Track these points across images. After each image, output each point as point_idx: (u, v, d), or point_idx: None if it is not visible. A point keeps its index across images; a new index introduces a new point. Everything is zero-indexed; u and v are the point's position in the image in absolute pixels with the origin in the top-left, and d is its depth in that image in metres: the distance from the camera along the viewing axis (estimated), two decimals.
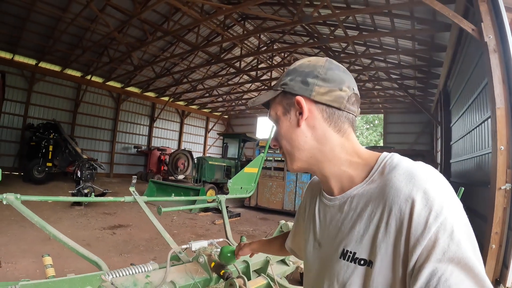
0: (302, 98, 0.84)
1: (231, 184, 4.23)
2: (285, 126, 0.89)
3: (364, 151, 0.86)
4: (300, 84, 0.85)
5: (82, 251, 2.30)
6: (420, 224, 0.65)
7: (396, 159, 0.78)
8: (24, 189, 10.86)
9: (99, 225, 7.34)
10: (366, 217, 0.76)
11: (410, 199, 0.67)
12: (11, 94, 14.86)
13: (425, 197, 0.67)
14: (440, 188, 0.69)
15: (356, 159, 0.84)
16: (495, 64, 4.37)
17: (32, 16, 12.39)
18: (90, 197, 8.15)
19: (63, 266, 4.32)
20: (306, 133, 0.85)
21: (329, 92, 0.83)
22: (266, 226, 9.07)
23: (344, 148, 0.85)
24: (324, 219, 0.91)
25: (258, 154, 12.00)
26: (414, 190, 0.68)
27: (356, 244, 0.76)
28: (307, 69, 0.86)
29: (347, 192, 0.83)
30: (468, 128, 7.09)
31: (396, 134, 20.64)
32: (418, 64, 12.10)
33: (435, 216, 0.64)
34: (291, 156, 0.90)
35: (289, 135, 0.88)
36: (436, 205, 0.65)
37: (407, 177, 0.71)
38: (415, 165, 0.74)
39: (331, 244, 0.85)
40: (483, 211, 5.36)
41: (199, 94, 22.33)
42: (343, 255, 0.79)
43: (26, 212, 2.42)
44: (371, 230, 0.74)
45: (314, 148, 0.85)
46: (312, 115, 0.84)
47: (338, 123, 0.84)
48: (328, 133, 0.84)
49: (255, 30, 13.64)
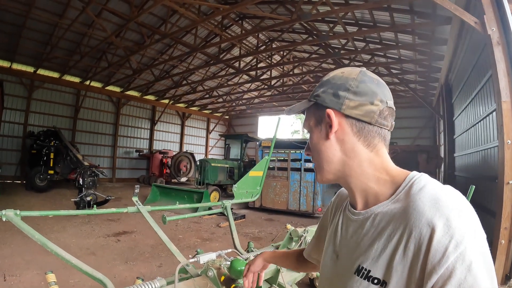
0: (332, 111, 0.84)
1: (236, 189, 4.18)
2: (316, 138, 0.90)
3: (394, 168, 0.85)
4: (332, 96, 0.85)
5: (86, 269, 2.23)
6: (438, 251, 0.63)
7: (424, 180, 0.76)
8: (27, 197, 10.85)
9: (103, 232, 7.31)
10: (386, 236, 0.74)
11: (432, 225, 0.66)
12: (11, 102, 14.86)
13: (447, 224, 0.65)
14: (464, 217, 0.67)
15: (384, 176, 0.83)
16: (499, 57, 4.30)
17: (29, 23, 12.35)
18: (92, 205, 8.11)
19: (69, 277, 4.29)
20: (335, 146, 0.85)
21: (359, 106, 0.82)
22: (272, 227, 9.02)
23: (373, 163, 0.83)
24: (346, 232, 0.90)
25: (260, 154, 11.94)
26: (437, 215, 0.66)
27: (372, 262, 0.75)
28: (339, 81, 0.86)
29: (371, 208, 0.82)
30: (472, 121, 7.02)
31: (398, 129, 20.52)
32: (418, 58, 12.00)
33: (455, 245, 0.62)
34: (319, 168, 0.90)
35: (319, 147, 0.89)
36: (457, 234, 0.63)
37: (432, 201, 0.69)
38: (443, 190, 0.72)
39: (348, 258, 0.84)
40: (491, 206, 5.29)
41: (199, 96, 22.28)
42: (358, 271, 0.78)
43: (26, 229, 2.35)
44: (388, 250, 0.72)
45: (342, 161, 0.85)
46: (341, 129, 0.84)
47: (368, 137, 0.83)
48: (357, 147, 0.83)
49: (253, 29, 13.56)
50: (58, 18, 12.13)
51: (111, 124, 19.71)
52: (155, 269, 5.21)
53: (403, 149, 11.38)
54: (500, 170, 4.46)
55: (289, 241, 3.39)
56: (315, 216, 10.77)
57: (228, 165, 15.15)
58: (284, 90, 20.01)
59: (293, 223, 9.53)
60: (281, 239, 7.00)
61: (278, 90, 20.10)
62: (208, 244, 6.92)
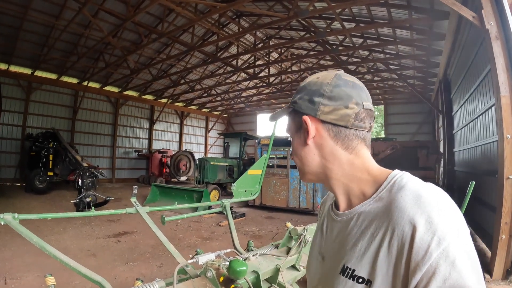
0: (308, 118, 0.85)
1: (235, 188, 4.17)
2: (296, 143, 0.91)
3: (375, 167, 0.85)
4: (307, 103, 0.86)
5: (85, 271, 2.22)
6: (421, 248, 0.63)
7: (405, 178, 0.77)
8: (26, 200, 10.84)
9: (103, 233, 7.30)
10: (369, 235, 0.74)
11: (414, 222, 0.66)
12: (8, 104, 14.80)
13: (429, 221, 0.65)
14: (446, 213, 0.67)
15: (366, 176, 0.83)
16: (498, 51, 4.29)
17: (25, 25, 12.29)
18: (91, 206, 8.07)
19: (69, 278, 4.28)
20: (313, 151, 0.87)
21: (334, 111, 0.82)
22: (272, 225, 9.01)
23: (353, 165, 0.84)
24: (330, 233, 0.91)
25: (260, 152, 11.92)
26: (418, 213, 0.66)
27: (357, 261, 0.75)
28: (314, 87, 0.86)
29: (354, 208, 0.82)
30: (471, 116, 7.00)
31: (397, 124, 20.58)
32: (416, 54, 11.98)
33: (438, 242, 0.62)
34: (301, 172, 0.93)
35: (299, 152, 0.90)
36: (439, 230, 0.63)
37: (413, 199, 0.69)
38: (424, 187, 0.73)
39: (333, 258, 0.85)
40: (492, 201, 5.29)
41: (198, 94, 22.24)
42: (343, 271, 0.78)
43: (24, 233, 2.34)
44: (372, 249, 0.72)
45: (322, 165, 0.86)
46: (319, 134, 0.85)
47: (346, 141, 0.83)
48: (336, 151, 0.84)
49: (250, 27, 13.53)
50: (54, 19, 12.07)
51: (110, 125, 19.67)
52: (156, 270, 5.20)
53: (403, 145, 11.35)
54: (500, 165, 4.45)
55: (289, 239, 3.37)
56: (315, 213, 10.75)
57: (227, 163, 15.14)
58: (282, 88, 19.98)
59: (293, 221, 9.54)
60: (281, 237, 6.99)
61: (276, 87, 20.09)
62: (209, 243, 6.91)
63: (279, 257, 3.08)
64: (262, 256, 3.02)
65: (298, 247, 3.23)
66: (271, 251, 3.27)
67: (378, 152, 11.44)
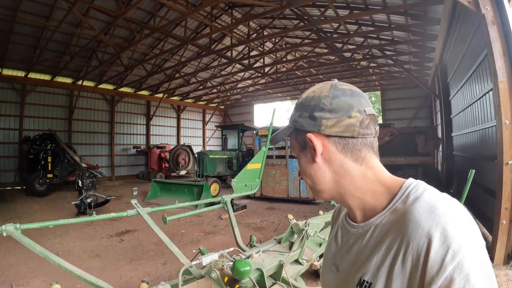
0: (312, 135, 0.83)
1: (235, 183, 4.17)
2: (304, 162, 0.88)
3: (388, 177, 0.83)
4: (309, 119, 0.84)
5: (90, 278, 2.23)
6: (436, 262, 0.63)
7: (420, 188, 0.75)
8: (27, 203, 10.83)
9: (106, 232, 7.32)
10: (385, 248, 0.74)
11: (429, 236, 0.65)
12: (4, 108, 14.72)
13: (444, 234, 0.64)
14: (460, 226, 0.66)
15: (379, 188, 0.82)
16: (495, 36, 4.25)
17: (16, 27, 12.10)
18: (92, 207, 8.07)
19: (75, 282, 4.29)
20: (323, 168, 0.84)
21: (337, 123, 0.80)
22: (274, 217, 9.06)
23: (366, 177, 0.82)
24: (345, 244, 0.90)
25: (258, 143, 11.90)
26: (433, 226, 0.65)
27: (373, 275, 0.74)
28: (312, 102, 0.84)
29: (370, 221, 0.81)
30: (469, 101, 6.99)
31: (394, 110, 20.56)
32: (412, 39, 11.90)
33: (452, 255, 0.62)
34: (314, 191, 0.90)
35: (308, 171, 0.88)
36: (454, 243, 0.63)
37: (428, 211, 0.68)
38: (439, 199, 0.71)
39: (349, 270, 0.84)
40: (492, 186, 5.31)
41: (193, 88, 22.10)
42: (360, 284, 0.77)
43: (28, 243, 2.35)
44: (387, 262, 0.72)
45: (334, 181, 0.84)
46: (326, 149, 0.83)
47: (354, 152, 0.82)
48: (346, 164, 0.82)
49: (243, 18, 13.35)
50: (45, 20, 11.87)
51: (107, 123, 19.56)
52: (160, 267, 5.23)
53: (401, 131, 11.34)
54: (499, 151, 4.46)
55: (291, 234, 3.39)
56: (316, 203, 10.80)
57: (226, 156, 15.16)
58: (278, 77, 19.89)
59: (294, 211, 9.59)
60: (283, 229, 7.05)
61: (272, 77, 19.98)
62: (211, 238, 6.95)
63: (282, 252, 3.11)
64: (265, 253, 3.04)
65: (301, 242, 3.25)
66: (274, 246, 3.29)
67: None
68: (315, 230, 3.32)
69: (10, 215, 8.75)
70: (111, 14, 10.32)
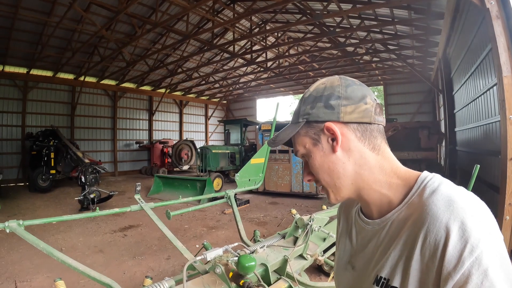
0: (332, 123, 0.80)
1: (238, 178, 4.18)
2: (319, 157, 0.83)
3: (403, 170, 0.82)
4: (324, 109, 0.81)
5: (93, 274, 2.24)
6: (454, 257, 0.62)
7: (437, 181, 0.74)
8: (31, 200, 10.89)
9: (109, 228, 7.36)
10: (402, 243, 0.73)
11: (446, 229, 0.64)
12: (6, 105, 14.75)
13: (462, 228, 0.63)
14: (479, 220, 0.64)
15: (396, 180, 0.80)
16: (499, 31, 4.20)
17: (17, 24, 12.09)
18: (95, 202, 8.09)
19: (78, 277, 4.32)
20: (343, 159, 0.81)
21: (356, 109, 0.79)
22: (277, 211, 9.09)
23: (383, 168, 0.81)
24: (361, 242, 0.89)
25: (261, 138, 11.90)
26: (451, 219, 0.64)
27: (391, 271, 0.74)
28: (325, 92, 0.82)
29: (386, 216, 0.79)
30: (472, 96, 6.94)
31: (397, 105, 20.47)
32: (415, 33, 11.81)
33: (471, 250, 0.61)
34: (333, 188, 0.84)
35: (326, 166, 0.83)
36: (472, 238, 0.61)
37: (446, 204, 0.67)
38: (456, 192, 0.70)
39: (365, 268, 0.83)
40: (495, 181, 5.28)
41: (195, 83, 22.05)
42: (376, 281, 0.77)
43: (31, 240, 2.36)
44: (404, 257, 0.71)
45: (354, 172, 0.81)
46: (345, 138, 0.80)
47: (371, 139, 0.81)
48: (365, 153, 0.80)
49: (245, 12, 13.25)
50: (46, 16, 11.84)
51: (109, 118, 19.59)
52: (164, 263, 5.26)
53: (404, 126, 11.30)
54: (502, 146, 4.42)
55: (295, 229, 3.39)
56: (318, 197, 10.82)
57: (229, 150, 15.18)
58: (280, 72, 19.83)
59: (297, 206, 9.61)
60: (287, 223, 7.06)
61: (275, 71, 19.90)
62: (215, 232, 6.97)
63: (286, 247, 3.11)
64: (270, 248, 3.05)
65: (305, 237, 3.25)
66: (278, 241, 3.30)
67: None
68: (319, 225, 3.33)
69: (13, 211, 8.80)
70: (112, 9, 10.27)
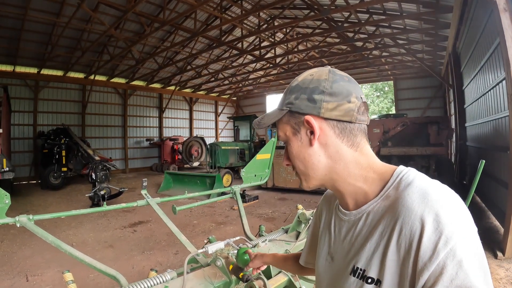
0: (311, 117, 0.81)
1: (244, 173, 4.20)
2: (296, 147, 0.86)
3: (380, 164, 0.83)
4: (307, 102, 0.82)
5: (100, 266, 2.30)
6: (429, 248, 0.63)
7: (412, 175, 0.75)
8: (43, 196, 11.14)
9: (119, 224, 7.48)
10: (378, 234, 0.74)
11: (421, 221, 0.65)
12: (18, 105, 15.00)
13: (436, 219, 0.64)
14: (453, 212, 0.65)
15: (371, 174, 0.81)
16: (507, 24, 4.14)
17: (27, 25, 12.34)
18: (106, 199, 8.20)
19: (88, 271, 4.41)
20: (318, 152, 0.83)
21: (338, 107, 0.80)
22: (286, 207, 9.09)
23: (359, 163, 0.82)
24: (339, 233, 0.89)
25: (269, 134, 11.92)
26: (426, 211, 0.65)
27: (367, 262, 0.75)
28: (311, 84, 0.82)
29: (362, 208, 0.81)
30: (482, 90, 6.84)
31: (407, 100, 20.22)
32: (424, 28, 11.64)
33: (445, 241, 0.62)
34: (305, 176, 0.88)
35: (302, 156, 0.85)
36: (447, 229, 0.63)
37: (420, 197, 0.68)
38: (430, 184, 0.71)
39: (343, 259, 0.84)
40: (504, 177, 5.21)
41: (205, 79, 22.11)
42: (353, 271, 0.78)
43: (40, 233, 2.42)
44: (381, 248, 0.72)
45: (328, 166, 0.83)
46: (323, 133, 0.81)
47: (351, 137, 0.81)
48: (342, 149, 0.82)
49: (253, 8, 13.26)
50: (55, 17, 12.05)
51: (120, 116, 19.82)
52: (172, 257, 5.32)
53: (413, 121, 11.17)
54: (511, 141, 4.36)
55: (298, 224, 3.41)
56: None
57: (238, 147, 15.23)
58: (290, 68, 19.76)
59: (306, 202, 9.61)
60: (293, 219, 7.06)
61: (284, 67, 19.86)
62: (223, 228, 7.03)
63: (288, 242, 3.12)
64: (272, 242, 3.07)
65: (308, 231, 3.26)
66: (281, 236, 3.31)
67: (388, 129, 11.29)
68: None
69: (25, 208, 9.00)
70: (121, 9, 10.37)
